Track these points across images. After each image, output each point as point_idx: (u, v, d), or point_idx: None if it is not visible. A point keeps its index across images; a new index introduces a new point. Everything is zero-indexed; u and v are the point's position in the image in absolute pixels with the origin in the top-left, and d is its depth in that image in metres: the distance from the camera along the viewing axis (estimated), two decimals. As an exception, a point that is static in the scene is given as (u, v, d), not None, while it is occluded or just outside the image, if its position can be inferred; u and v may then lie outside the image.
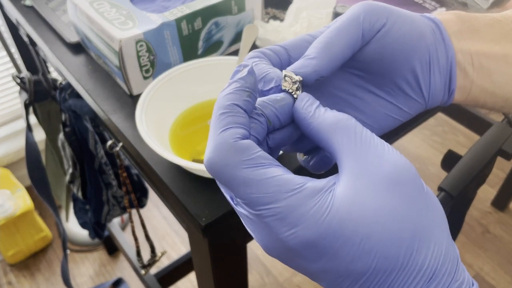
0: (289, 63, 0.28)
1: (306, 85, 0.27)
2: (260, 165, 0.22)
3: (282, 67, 0.28)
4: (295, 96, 0.26)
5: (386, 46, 0.28)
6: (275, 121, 0.26)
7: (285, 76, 0.26)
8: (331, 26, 0.28)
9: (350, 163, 0.22)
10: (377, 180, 0.22)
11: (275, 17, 0.75)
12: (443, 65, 0.30)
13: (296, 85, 0.26)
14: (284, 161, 0.52)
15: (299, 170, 0.49)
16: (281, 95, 0.26)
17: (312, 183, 0.22)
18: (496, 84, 0.30)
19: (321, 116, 0.24)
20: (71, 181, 0.91)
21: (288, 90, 0.26)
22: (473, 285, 0.23)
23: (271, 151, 0.27)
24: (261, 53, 0.28)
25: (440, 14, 0.31)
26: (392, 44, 0.28)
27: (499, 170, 1.58)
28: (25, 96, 0.88)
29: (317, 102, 0.25)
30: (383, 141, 0.23)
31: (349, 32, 0.27)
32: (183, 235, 1.48)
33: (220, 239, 0.49)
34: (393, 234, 0.21)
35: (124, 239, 1.20)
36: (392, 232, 0.21)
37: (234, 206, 0.24)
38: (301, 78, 0.26)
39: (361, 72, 0.30)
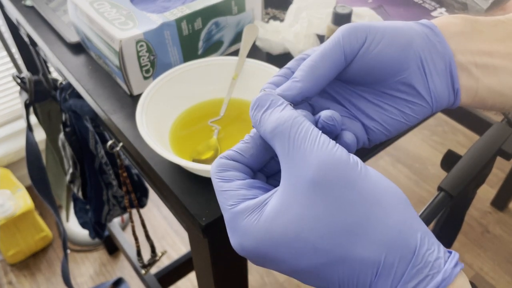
0: None
1: (294, 103, 0.29)
2: (225, 179, 0.26)
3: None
4: None
5: (369, 62, 0.29)
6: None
7: None
8: (317, 49, 0.30)
9: (283, 171, 0.25)
10: (301, 185, 0.23)
11: (275, 17, 0.75)
12: (441, 67, 0.30)
13: None
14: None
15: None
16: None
17: (248, 201, 0.25)
18: (504, 83, 0.30)
19: (265, 123, 0.26)
20: (72, 181, 0.91)
21: None
22: (455, 266, 0.22)
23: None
24: (273, 84, 0.30)
25: (443, 17, 0.31)
26: (374, 60, 0.29)
27: (499, 170, 1.59)
28: (25, 96, 0.88)
29: (266, 104, 0.27)
30: (318, 136, 0.24)
31: (332, 56, 0.29)
32: (183, 235, 1.48)
33: (220, 239, 0.49)
34: (322, 233, 0.23)
35: (125, 239, 1.20)
36: (320, 231, 0.23)
37: None
38: None
39: (357, 84, 0.32)
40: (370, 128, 0.32)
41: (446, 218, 0.65)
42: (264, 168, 0.30)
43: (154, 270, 1.18)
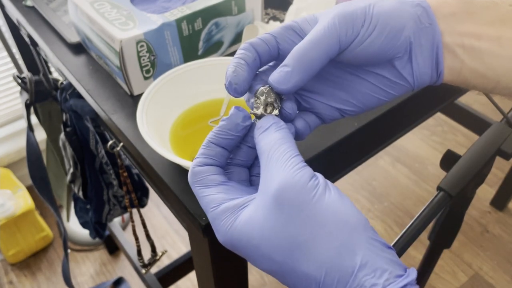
0: (277, 49, 0.31)
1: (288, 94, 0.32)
2: (204, 185, 0.29)
3: (270, 53, 0.31)
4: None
5: (358, 51, 0.30)
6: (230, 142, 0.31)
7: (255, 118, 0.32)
8: (311, 32, 0.30)
9: (260, 183, 0.28)
10: (266, 198, 0.26)
11: (275, 18, 0.75)
12: (428, 49, 0.31)
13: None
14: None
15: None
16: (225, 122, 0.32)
17: (227, 203, 0.28)
18: (488, 66, 0.30)
19: (259, 142, 0.29)
20: (72, 181, 0.92)
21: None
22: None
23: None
24: (251, 45, 0.31)
25: None
26: (364, 49, 0.30)
27: (498, 170, 1.59)
28: (26, 96, 0.88)
29: (266, 126, 0.30)
30: (290, 157, 0.27)
31: (326, 44, 0.29)
32: (184, 234, 1.49)
33: (220, 238, 0.50)
34: (274, 245, 0.26)
35: (125, 238, 1.20)
36: (273, 243, 0.26)
37: None
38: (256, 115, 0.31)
39: (343, 63, 0.32)
40: (352, 103, 0.33)
41: (446, 217, 0.65)
42: (240, 158, 0.32)
43: (154, 269, 1.19)
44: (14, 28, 0.90)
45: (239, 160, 0.32)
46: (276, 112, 0.31)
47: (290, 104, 0.32)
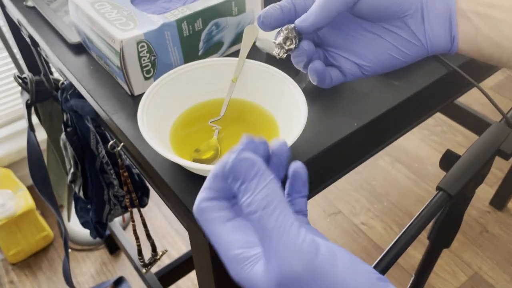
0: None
1: (307, 33, 0.36)
2: (214, 223, 0.27)
3: (306, 7, 0.36)
4: None
5: (372, 2, 0.33)
6: None
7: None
8: None
9: (262, 249, 0.25)
10: (271, 280, 0.24)
11: (275, 18, 0.75)
12: (441, 11, 0.32)
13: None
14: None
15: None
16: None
17: (246, 253, 0.26)
18: (504, 35, 0.31)
19: (244, 203, 0.25)
20: (73, 181, 0.92)
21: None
22: None
23: None
24: (292, 1, 0.35)
25: None
26: (378, 1, 0.33)
27: (498, 169, 1.59)
28: (26, 96, 0.89)
29: (241, 178, 0.25)
30: (289, 228, 0.23)
31: None
32: (184, 234, 1.49)
33: (221, 238, 0.50)
34: None
35: (125, 238, 1.20)
36: None
37: None
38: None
39: (365, 19, 0.36)
40: (365, 56, 0.36)
41: (445, 217, 0.66)
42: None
43: (154, 269, 1.19)
44: (15, 28, 0.90)
45: None
46: (292, 46, 0.36)
47: (307, 42, 0.36)
